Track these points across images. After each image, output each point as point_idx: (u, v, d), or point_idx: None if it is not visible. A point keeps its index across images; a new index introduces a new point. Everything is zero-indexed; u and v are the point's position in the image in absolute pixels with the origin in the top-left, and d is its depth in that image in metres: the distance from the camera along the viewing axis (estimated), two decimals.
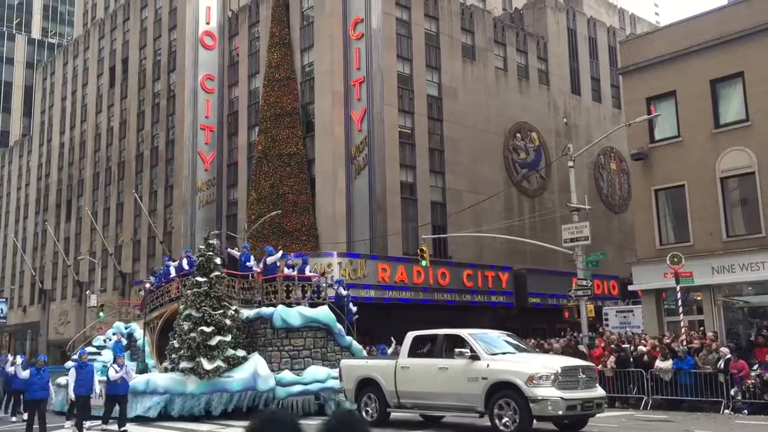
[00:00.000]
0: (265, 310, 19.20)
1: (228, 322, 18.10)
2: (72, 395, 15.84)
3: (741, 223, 23.45)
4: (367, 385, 15.36)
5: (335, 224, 35.73)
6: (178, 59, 47.42)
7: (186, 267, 22.01)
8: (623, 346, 20.42)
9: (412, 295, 34.67)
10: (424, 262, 27.29)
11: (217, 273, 18.57)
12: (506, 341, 14.87)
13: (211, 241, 19.64)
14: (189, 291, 18.56)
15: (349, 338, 19.91)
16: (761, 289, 22.65)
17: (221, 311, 18.11)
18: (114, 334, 23.28)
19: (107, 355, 21.87)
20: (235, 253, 22.91)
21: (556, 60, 46.24)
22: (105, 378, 16.42)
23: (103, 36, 57.47)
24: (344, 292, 21.92)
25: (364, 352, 20.81)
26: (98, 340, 24.78)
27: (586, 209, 24.96)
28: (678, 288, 20.30)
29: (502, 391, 12.89)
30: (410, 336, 15.26)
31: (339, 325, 19.67)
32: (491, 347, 13.91)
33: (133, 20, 53.79)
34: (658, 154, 25.16)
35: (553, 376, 12.66)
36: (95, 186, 55.63)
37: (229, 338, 17.89)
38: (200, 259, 18.78)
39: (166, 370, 18.68)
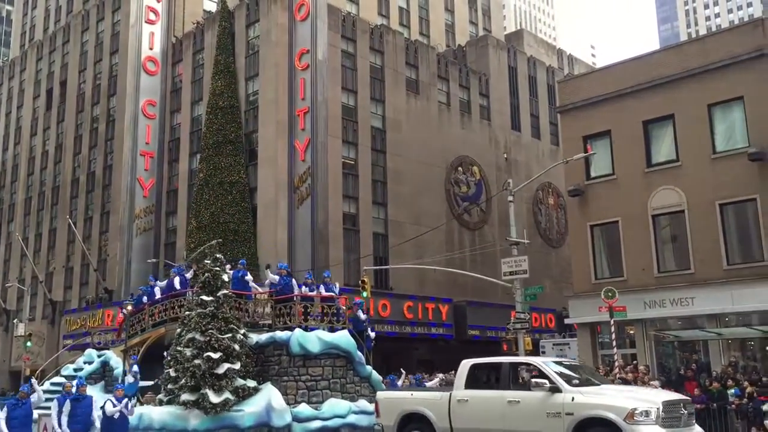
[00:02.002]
0: (280, 335, 16.87)
1: (237, 347, 15.78)
2: (64, 430, 13.54)
3: (671, 260, 24.28)
4: (412, 421, 13.47)
5: (277, 254, 35.38)
6: (119, 84, 46.64)
7: (178, 286, 20.02)
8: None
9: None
10: (365, 293, 27.25)
11: (224, 291, 16.34)
12: (589, 371, 13.41)
13: (218, 255, 17.15)
14: (193, 312, 16.21)
15: (369, 368, 17.89)
16: (690, 323, 23.41)
17: (229, 335, 15.77)
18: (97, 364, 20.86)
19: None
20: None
21: (497, 96, 47.36)
22: (100, 413, 14.31)
23: (41, 58, 56.13)
24: (363, 316, 19.66)
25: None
26: (68, 369, 22.20)
27: (524, 243, 25.44)
28: (612, 322, 20.80)
29: (593, 428, 11.24)
30: (466, 364, 13.40)
31: (359, 353, 17.67)
32: (570, 377, 12.23)
33: (73, 43, 52.75)
34: (594, 190, 25.93)
35: (655, 412, 10.99)
36: (27, 211, 53.81)
37: (238, 366, 15.58)
38: (206, 275, 16.47)
39: (161, 402, 16.32)
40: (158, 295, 20.73)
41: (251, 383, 15.83)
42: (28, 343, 39.95)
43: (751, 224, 22.75)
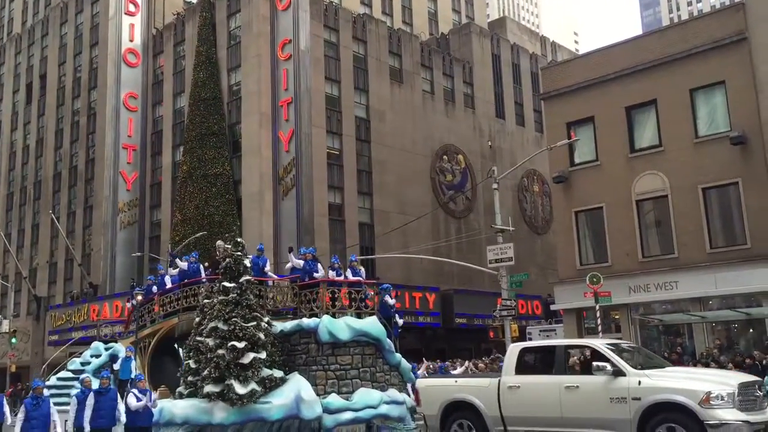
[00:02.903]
0: (307, 322, 16.00)
1: (262, 336, 14.88)
2: (86, 428, 12.71)
3: (656, 244, 24.41)
4: (457, 410, 12.78)
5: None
6: (100, 76, 46.18)
7: (185, 267, 19.16)
8: None
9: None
10: None
11: (247, 277, 15.42)
12: (645, 353, 12.76)
13: (238, 239, 16.14)
14: (214, 299, 15.34)
15: (398, 356, 17.00)
16: (674, 307, 23.58)
17: (254, 323, 14.89)
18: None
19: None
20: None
21: (481, 84, 47.33)
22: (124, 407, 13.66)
23: (19, 51, 55.44)
24: (391, 301, 18.85)
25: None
26: (74, 363, 21.17)
27: (510, 231, 25.48)
28: (597, 307, 20.91)
29: (663, 414, 10.47)
30: (516, 348, 12.72)
31: (389, 340, 16.83)
32: (632, 360, 11.58)
33: (52, 36, 52.13)
34: (578, 177, 25.99)
35: (732, 395, 10.29)
36: (9, 206, 53.29)
37: (264, 355, 14.72)
38: (227, 260, 15.55)
39: (181, 395, 15.43)
40: (169, 285, 19.87)
41: (278, 373, 14.93)
42: (13, 340, 39.62)
43: (733, 208, 22.90)
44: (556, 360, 12.01)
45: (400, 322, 19.10)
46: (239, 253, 15.47)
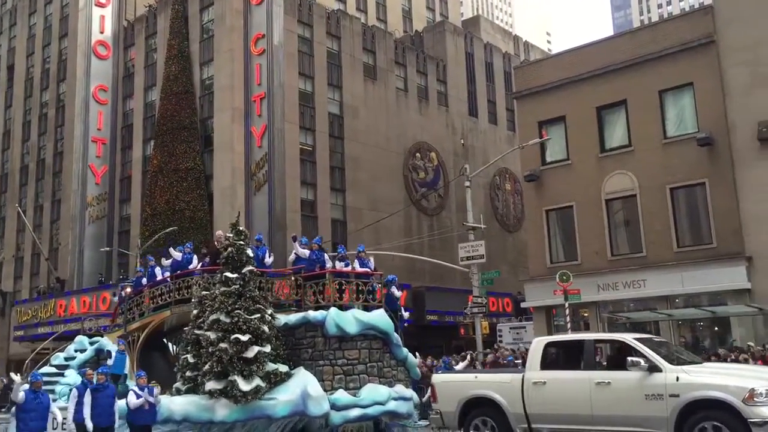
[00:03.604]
0: (314, 314, 15.28)
1: (266, 329, 14.16)
2: (88, 425, 12.13)
3: (624, 243, 24.73)
4: (477, 407, 12.27)
5: None
6: (69, 68, 45.45)
7: (178, 258, 18.42)
8: (516, 362, 21.02)
9: None
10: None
11: (250, 268, 14.70)
12: (675, 348, 12.26)
13: (241, 228, 15.44)
14: (215, 291, 14.63)
15: (405, 350, 16.39)
16: (642, 305, 23.91)
17: (258, 315, 14.17)
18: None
19: (72, 377, 17.96)
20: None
21: (455, 83, 47.50)
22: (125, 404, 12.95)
23: None
24: (398, 294, 18.18)
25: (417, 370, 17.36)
26: (58, 358, 20.24)
27: (482, 228, 25.64)
28: (566, 305, 21.13)
29: (703, 411, 10.04)
30: (540, 342, 12.22)
31: (396, 334, 16.20)
32: (667, 355, 11.12)
33: (20, 26, 51.18)
34: (549, 176, 26.24)
35: None
36: None
37: (268, 349, 14.01)
38: (229, 249, 14.82)
39: (178, 391, 14.69)
40: (159, 277, 19.14)
41: (283, 368, 14.21)
42: None
43: (700, 208, 23.29)
44: (584, 355, 11.49)
45: (406, 315, 18.54)
46: (241, 243, 14.80)
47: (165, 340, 19.82)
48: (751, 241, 21.79)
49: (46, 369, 19.19)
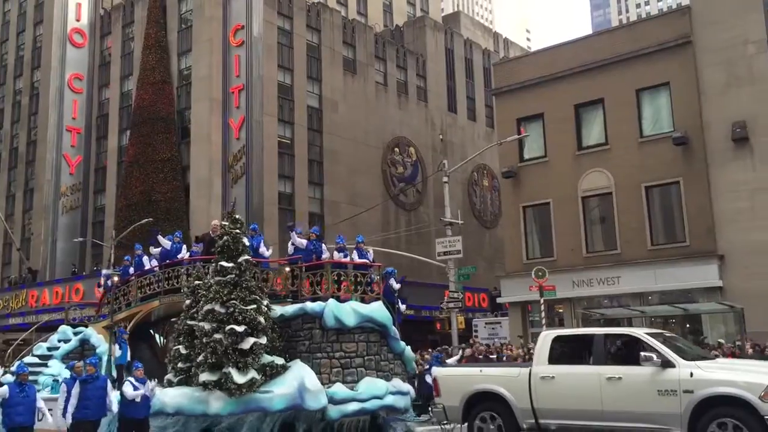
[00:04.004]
0: (312, 306, 14.94)
1: (262, 320, 13.82)
2: (68, 419, 11.65)
3: (599, 240, 24.98)
4: (482, 401, 12.01)
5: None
6: (44, 56, 44.71)
7: (167, 247, 17.92)
8: (491, 357, 21.14)
9: None
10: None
11: (246, 257, 14.35)
12: (686, 343, 12.16)
13: (237, 216, 14.99)
14: (210, 280, 14.24)
15: (402, 343, 16.14)
16: (616, 302, 24.20)
17: (254, 306, 13.85)
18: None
19: (56, 367, 17.73)
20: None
21: (434, 78, 47.53)
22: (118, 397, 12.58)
23: None
24: (396, 286, 17.93)
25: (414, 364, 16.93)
26: (40, 348, 19.73)
27: (459, 224, 25.74)
28: (542, 301, 21.29)
29: (718, 408, 9.82)
30: (548, 336, 11.93)
31: (394, 327, 15.90)
32: (680, 350, 10.86)
33: None
34: (527, 172, 26.39)
35: None
36: None
37: (264, 340, 13.72)
38: (225, 238, 14.44)
39: (170, 383, 14.32)
40: (147, 266, 18.78)
41: (279, 360, 13.91)
42: None
43: (674, 206, 23.60)
44: (594, 349, 11.21)
45: (403, 308, 18.18)
46: (237, 231, 14.43)
47: (152, 331, 19.50)
48: (723, 240, 22.13)
49: (28, 359, 18.79)
